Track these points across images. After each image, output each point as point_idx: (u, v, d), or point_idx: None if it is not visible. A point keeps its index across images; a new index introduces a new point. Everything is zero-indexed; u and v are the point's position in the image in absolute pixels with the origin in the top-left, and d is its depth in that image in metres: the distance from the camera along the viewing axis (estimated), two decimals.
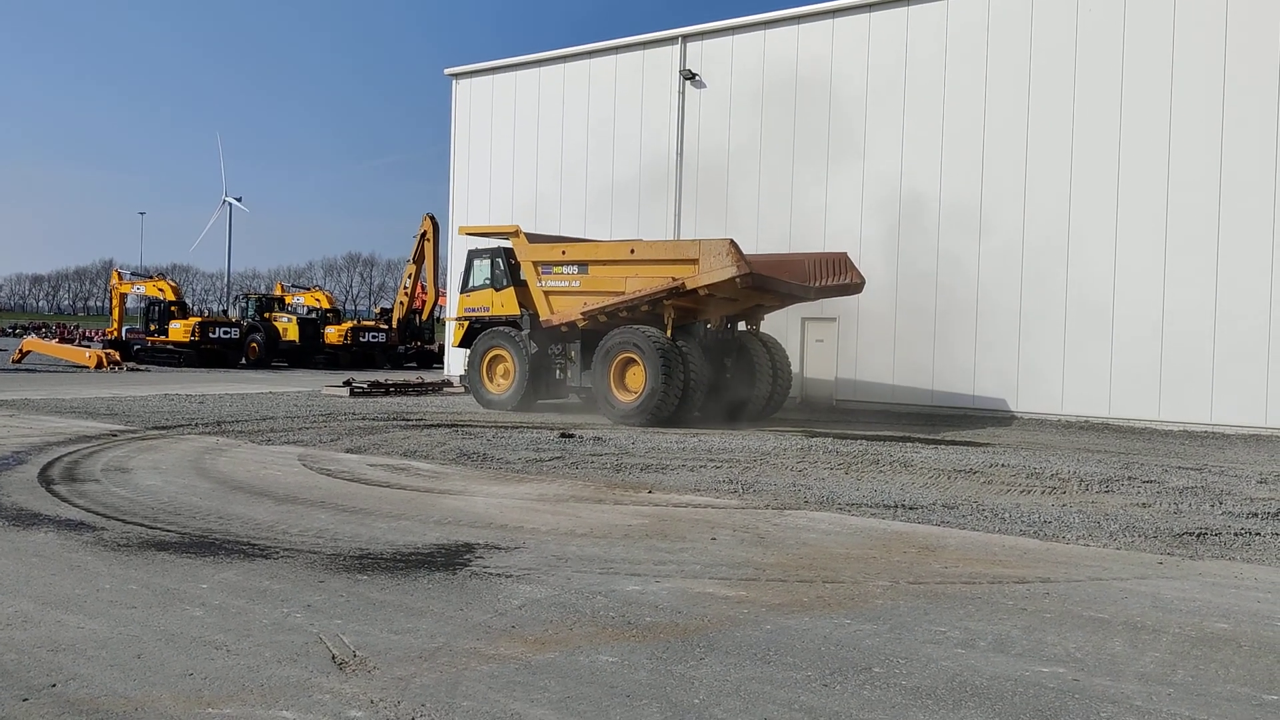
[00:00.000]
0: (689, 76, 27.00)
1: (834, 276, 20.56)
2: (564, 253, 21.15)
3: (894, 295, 23.50)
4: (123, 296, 46.44)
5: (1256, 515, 10.42)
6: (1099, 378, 21.35)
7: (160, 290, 43.94)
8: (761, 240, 24.32)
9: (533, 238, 21.96)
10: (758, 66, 25.92)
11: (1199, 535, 9.28)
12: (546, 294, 21.18)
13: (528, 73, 30.48)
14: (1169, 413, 20.57)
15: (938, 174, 23.30)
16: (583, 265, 20.75)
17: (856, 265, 21.23)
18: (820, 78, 24.81)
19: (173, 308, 42.75)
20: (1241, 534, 9.39)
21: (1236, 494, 11.90)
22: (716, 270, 18.45)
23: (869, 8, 24.37)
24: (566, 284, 20.93)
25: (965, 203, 22.94)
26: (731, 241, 18.57)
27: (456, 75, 32.16)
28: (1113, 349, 21.19)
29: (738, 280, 18.27)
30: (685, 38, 27.20)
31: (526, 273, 21.56)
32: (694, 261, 18.89)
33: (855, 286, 21.05)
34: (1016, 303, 22.27)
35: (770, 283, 19.03)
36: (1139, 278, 20.95)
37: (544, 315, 21.22)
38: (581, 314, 20.43)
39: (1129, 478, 13.05)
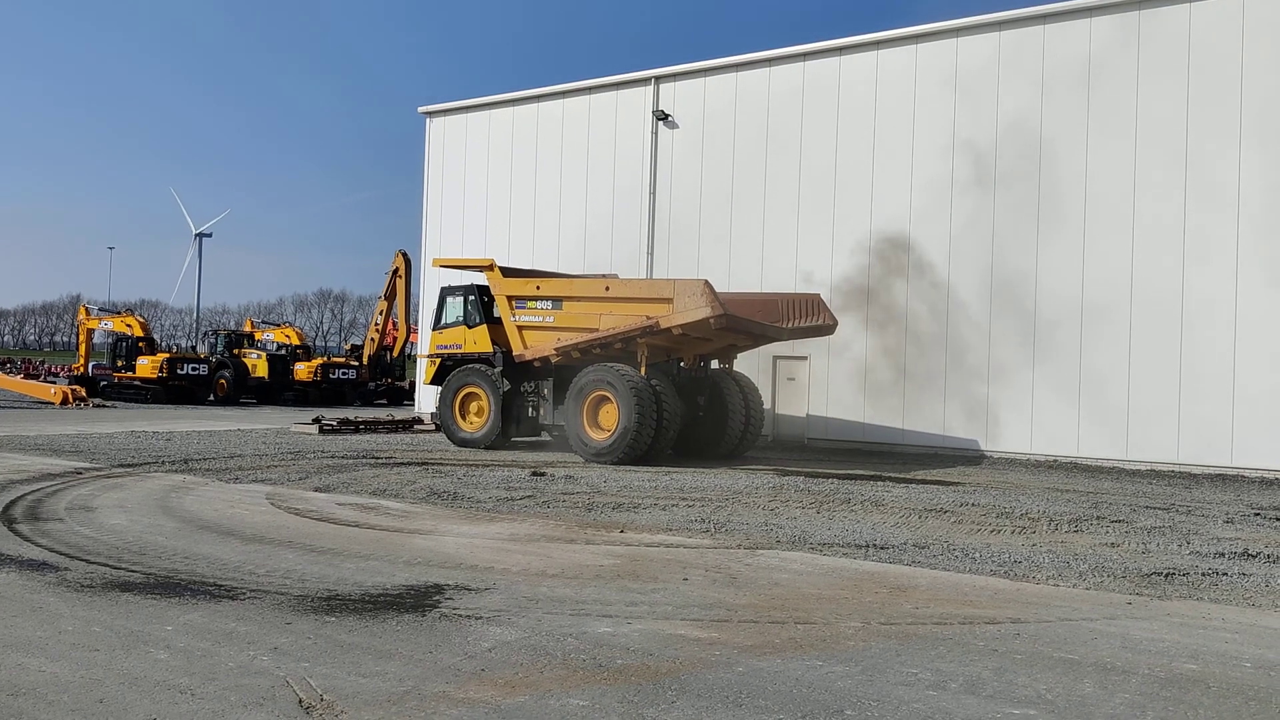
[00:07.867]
0: (662, 117, 27.24)
1: (807, 317, 20.73)
2: (538, 288, 21.18)
3: (865, 334, 23.71)
4: (90, 332, 46.01)
5: (1223, 555, 10.51)
6: (1068, 417, 21.54)
7: (128, 326, 43.56)
8: (734, 279, 24.50)
9: (507, 271, 22.00)
10: (730, 107, 26.22)
11: (1167, 575, 9.35)
12: (520, 329, 21.17)
13: (502, 112, 30.67)
14: (1137, 452, 20.77)
15: (907, 216, 23.56)
16: (557, 301, 20.78)
17: (829, 307, 21.43)
18: (791, 119, 25.13)
19: (141, 343, 42.35)
20: (1209, 574, 9.46)
21: (1204, 534, 12.00)
22: (691, 310, 18.53)
23: (839, 51, 24.76)
24: (540, 319, 20.95)
25: (936, 244, 23.19)
26: (706, 282, 18.67)
27: (430, 113, 32.30)
28: (1080, 389, 21.40)
29: (711, 321, 18.36)
30: (658, 79, 27.48)
31: (500, 307, 21.57)
32: (668, 301, 18.96)
33: (827, 328, 21.23)
34: (986, 343, 22.47)
35: (743, 324, 19.13)
36: (1106, 318, 21.21)
37: (517, 350, 21.20)
38: (555, 349, 20.43)
39: (1098, 517, 13.14)
